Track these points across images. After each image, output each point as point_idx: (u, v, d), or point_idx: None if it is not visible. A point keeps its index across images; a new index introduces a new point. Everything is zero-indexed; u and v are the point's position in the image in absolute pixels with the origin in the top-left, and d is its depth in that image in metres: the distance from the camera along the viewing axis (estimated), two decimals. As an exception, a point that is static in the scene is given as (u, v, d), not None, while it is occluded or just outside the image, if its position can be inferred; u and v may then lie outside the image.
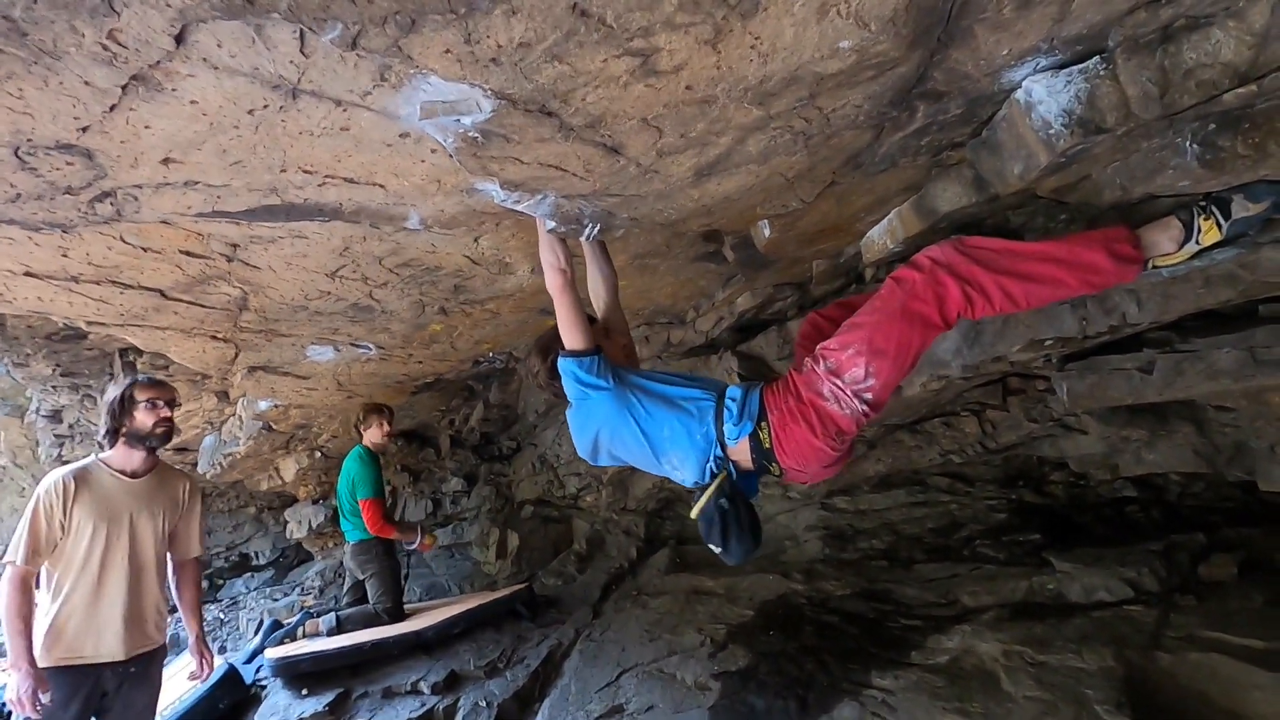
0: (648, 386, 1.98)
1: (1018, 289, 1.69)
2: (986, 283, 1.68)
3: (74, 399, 5.58)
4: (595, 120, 1.54)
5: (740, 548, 1.89)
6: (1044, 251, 1.71)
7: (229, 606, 6.66)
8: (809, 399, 1.80)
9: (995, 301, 1.70)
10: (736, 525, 1.88)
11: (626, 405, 1.94)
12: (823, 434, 1.79)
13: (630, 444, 1.98)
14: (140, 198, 1.61)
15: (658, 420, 1.93)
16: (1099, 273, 1.69)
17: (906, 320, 1.73)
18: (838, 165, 2.05)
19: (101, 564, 2.39)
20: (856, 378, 1.74)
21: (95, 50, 1.10)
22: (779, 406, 1.85)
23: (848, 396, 1.75)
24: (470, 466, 6.22)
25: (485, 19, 1.17)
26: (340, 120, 1.44)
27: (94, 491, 2.42)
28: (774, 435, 1.84)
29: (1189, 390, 2.14)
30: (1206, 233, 1.67)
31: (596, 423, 1.99)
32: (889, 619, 3.36)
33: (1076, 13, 1.43)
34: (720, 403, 1.92)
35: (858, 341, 1.76)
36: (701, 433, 1.90)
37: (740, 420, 1.87)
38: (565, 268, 1.98)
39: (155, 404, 2.51)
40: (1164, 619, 2.60)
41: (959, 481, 4.17)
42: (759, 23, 1.30)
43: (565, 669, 3.84)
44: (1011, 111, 1.72)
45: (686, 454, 1.93)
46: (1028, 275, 1.69)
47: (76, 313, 2.69)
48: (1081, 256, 1.68)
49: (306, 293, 2.75)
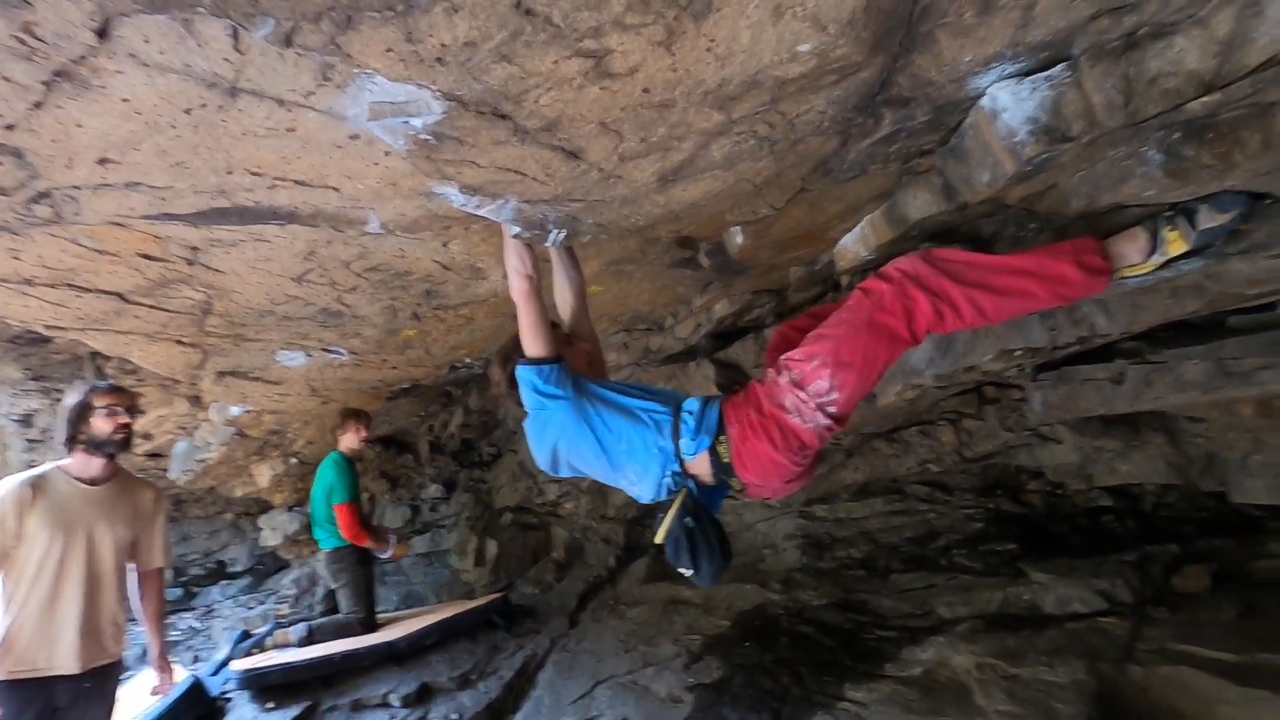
0: (606, 397, 1.93)
1: (987, 302, 1.66)
2: (956, 296, 1.65)
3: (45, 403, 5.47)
4: (551, 123, 1.50)
5: (711, 568, 1.82)
6: (1013, 264, 1.69)
7: (204, 615, 6.54)
8: (770, 411, 1.76)
9: (965, 315, 1.67)
10: (705, 544, 1.80)
11: (584, 416, 1.88)
12: (784, 448, 1.74)
13: (588, 455, 1.92)
14: (79, 199, 1.56)
15: (615, 432, 1.87)
16: (1068, 284, 1.66)
17: (873, 333, 1.69)
18: (806, 172, 2.02)
19: (57, 574, 2.32)
20: (820, 390, 1.70)
21: (11, 44, 1.05)
22: (739, 419, 1.79)
23: (811, 409, 1.71)
24: (449, 473, 6.15)
25: (425, 16, 1.13)
26: (285, 121, 1.39)
27: (51, 499, 2.34)
28: (734, 449, 1.79)
29: (1158, 401, 2.13)
30: (1172, 243, 1.66)
31: (554, 433, 1.93)
32: (865, 630, 3.33)
33: (1039, 19, 1.41)
34: (677, 416, 1.87)
35: (823, 353, 1.71)
36: (658, 446, 1.85)
37: (698, 434, 1.82)
38: (530, 273, 1.93)
39: (114, 410, 2.44)
40: (1136, 631, 2.58)
41: (938, 490, 4.16)
42: (713, 24, 1.26)
43: (539, 680, 3.79)
44: (978, 119, 1.70)
45: (644, 468, 1.88)
46: (997, 288, 1.66)
47: (33, 316, 2.62)
48: (1050, 269, 1.66)
49: (273, 297, 2.69)
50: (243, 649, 3.90)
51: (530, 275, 1.93)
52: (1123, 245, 1.72)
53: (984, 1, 1.33)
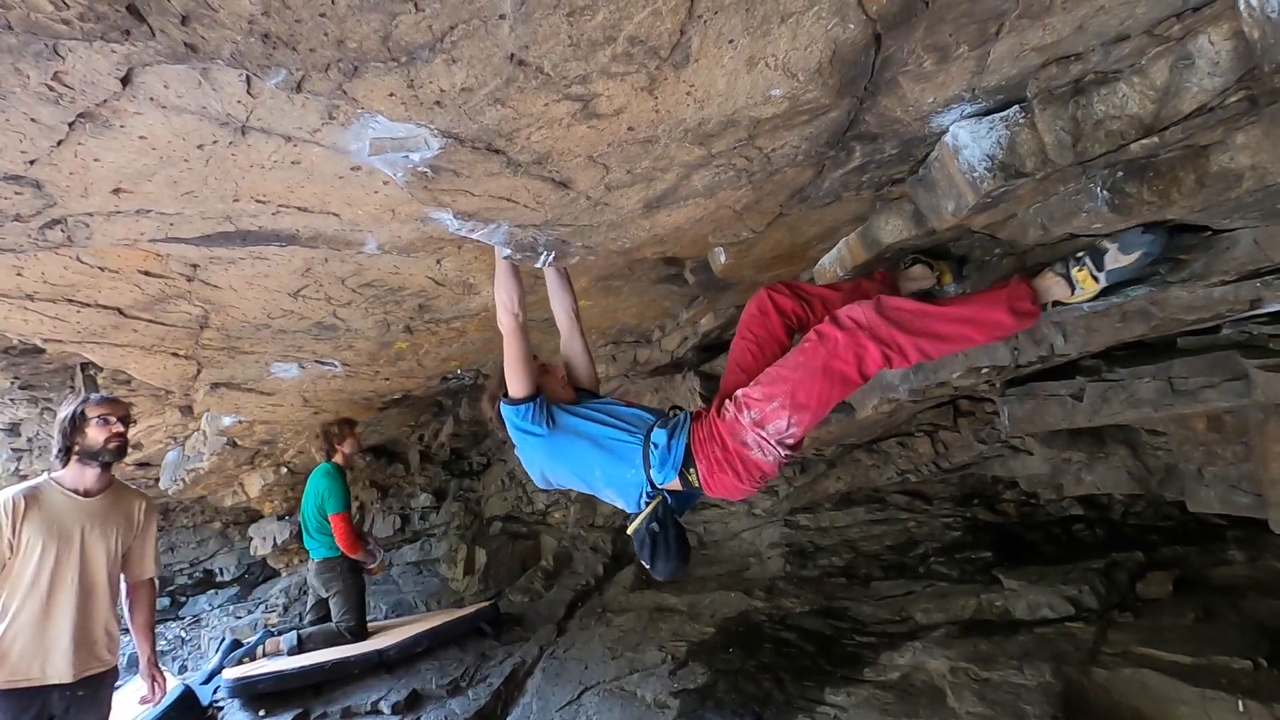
0: (579, 429, 2.09)
1: (931, 347, 1.83)
2: (904, 343, 1.80)
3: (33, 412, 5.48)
4: (542, 157, 1.60)
5: (666, 567, 2.04)
6: (955, 314, 1.85)
7: (191, 624, 6.54)
8: (734, 449, 1.91)
9: (910, 358, 1.83)
10: (665, 547, 2.02)
11: (560, 450, 2.09)
12: (748, 479, 1.93)
13: (569, 481, 2.16)
14: (91, 225, 1.63)
15: (589, 464, 2.07)
16: (1002, 328, 1.86)
17: (827, 378, 1.84)
18: (784, 199, 2.13)
19: (50, 584, 2.35)
20: (780, 429, 1.86)
21: (41, 91, 1.13)
22: (705, 455, 1.95)
23: (771, 445, 1.88)
24: (440, 482, 6.20)
25: (426, 66, 1.22)
26: (291, 154, 1.48)
27: (45, 510, 2.38)
28: (702, 479, 1.97)
29: (1115, 416, 2.25)
30: (1083, 284, 1.82)
31: (539, 462, 2.16)
32: (845, 636, 3.42)
33: (993, 66, 1.53)
34: (647, 444, 2.03)
35: (781, 395, 1.86)
36: (631, 473, 2.03)
37: (664, 467, 1.99)
38: (517, 311, 2.07)
39: (107, 420, 2.47)
40: (1102, 636, 2.69)
41: (918, 499, 4.27)
42: (692, 72, 1.37)
43: (528, 687, 3.85)
44: (942, 153, 1.82)
45: (620, 491, 2.08)
46: (940, 335, 1.82)
47: (32, 330, 2.68)
48: (987, 316, 1.84)
49: (269, 311, 2.76)
50: (234, 658, 3.94)
51: (516, 314, 2.07)
52: (1047, 283, 1.89)
53: (941, 51, 1.45)
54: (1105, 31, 1.42)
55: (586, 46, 1.23)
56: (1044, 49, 1.47)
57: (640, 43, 1.25)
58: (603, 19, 1.17)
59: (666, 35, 1.24)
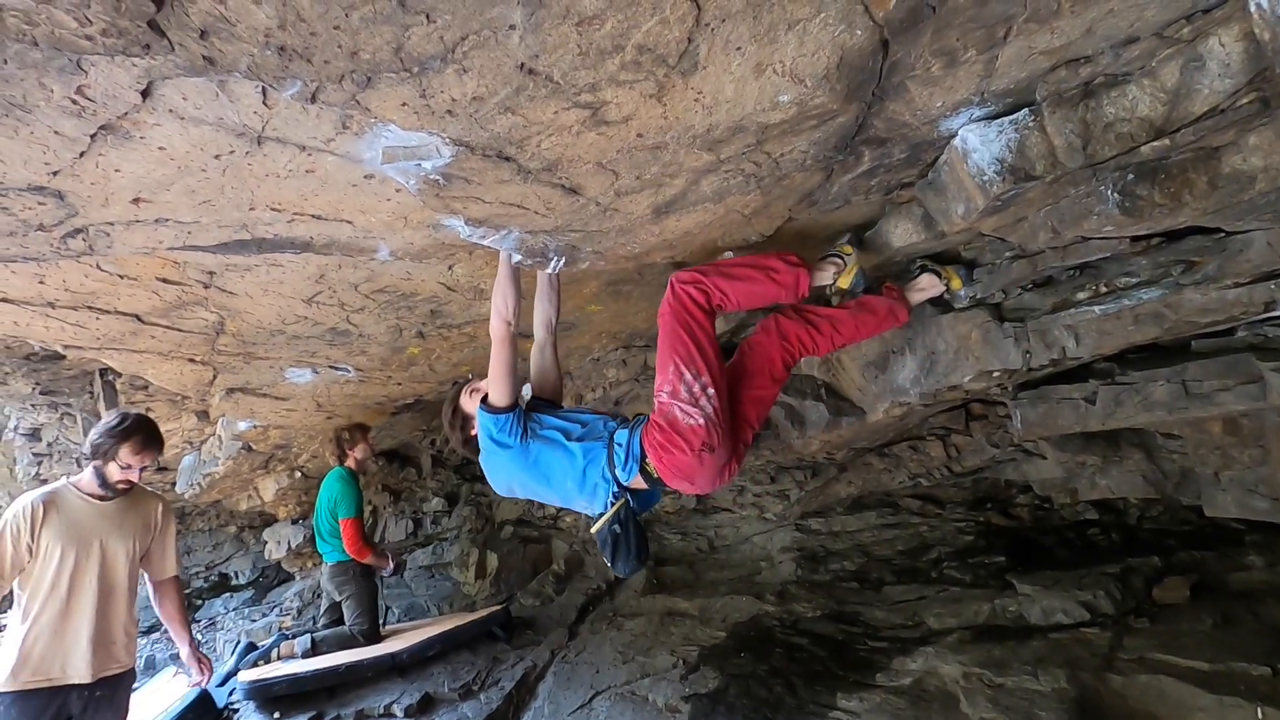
0: (549, 438, 2.19)
1: (726, 284, 2.15)
2: (708, 281, 2.14)
3: (53, 417, 5.58)
4: (552, 164, 1.62)
5: (625, 566, 2.18)
6: (747, 259, 2.24)
7: (207, 627, 6.60)
8: (667, 426, 2.08)
9: (713, 292, 2.14)
10: (625, 547, 2.15)
11: (531, 463, 2.18)
12: (691, 449, 2.04)
13: (540, 492, 2.25)
14: (112, 234, 1.67)
15: (559, 474, 2.17)
16: (777, 270, 2.18)
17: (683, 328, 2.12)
18: (793, 203, 2.14)
19: (70, 586, 2.39)
20: (690, 387, 2.06)
21: (64, 104, 1.16)
22: (652, 444, 2.10)
23: (693, 406, 2.05)
24: (451, 486, 6.23)
25: (438, 77, 1.24)
26: (305, 164, 1.51)
27: (63, 514, 2.42)
28: (658, 468, 2.10)
29: (1128, 420, 2.23)
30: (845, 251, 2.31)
31: (508, 473, 2.24)
32: (857, 641, 3.41)
33: (1002, 70, 1.53)
34: (611, 447, 2.15)
35: (669, 364, 2.11)
36: (599, 475, 2.14)
37: (627, 463, 2.12)
38: (510, 319, 2.15)
39: (129, 468, 2.47)
40: (1117, 641, 2.67)
41: (930, 503, 4.24)
42: (700, 79, 1.38)
43: (539, 691, 3.85)
44: (951, 157, 1.82)
45: (591, 496, 2.18)
46: (733, 275, 2.17)
47: (53, 337, 2.73)
48: (766, 261, 2.21)
49: (284, 317, 2.80)
50: (249, 660, 3.97)
51: (509, 321, 2.16)
52: (823, 266, 2.31)
53: (949, 56, 1.45)
54: (1114, 34, 1.42)
55: (595, 55, 1.25)
56: (1052, 52, 1.47)
57: (648, 51, 1.26)
58: (611, 28, 1.19)
59: (674, 43, 1.25)
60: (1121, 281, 1.96)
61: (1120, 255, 1.93)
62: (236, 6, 1.00)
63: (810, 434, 3.22)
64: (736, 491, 4.74)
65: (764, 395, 2.33)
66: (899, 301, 2.37)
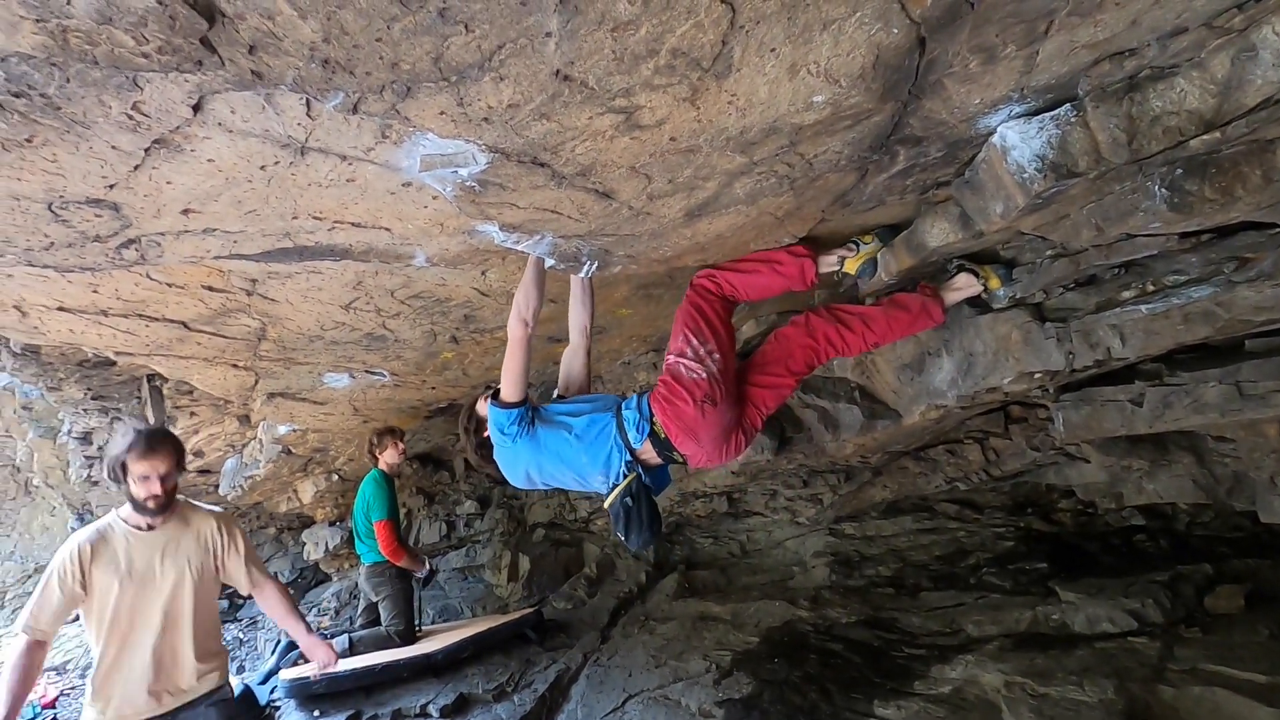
0: (560, 421, 2.28)
1: (736, 278, 2.37)
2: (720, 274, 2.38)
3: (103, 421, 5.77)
4: (585, 169, 1.63)
5: (639, 539, 2.24)
6: (757, 255, 2.39)
7: (248, 626, 6.77)
8: (673, 380, 2.23)
9: (724, 283, 2.37)
10: (637, 520, 2.21)
11: (545, 447, 2.26)
12: (693, 399, 2.17)
13: (556, 474, 2.31)
14: (163, 244, 1.73)
15: (571, 449, 2.25)
16: (781, 263, 2.35)
17: (694, 307, 2.35)
18: (826, 204, 2.12)
19: (129, 621, 2.32)
20: (695, 349, 2.24)
21: (121, 120, 1.21)
22: (657, 399, 2.23)
23: (697, 363, 2.22)
24: (484, 489, 6.29)
25: (475, 85, 1.26)
26: (346, 173, 1.54)
27: (112, 550, 2.34)
28: (664, 425, 2.20)
29: (1178, 423, 2.16)
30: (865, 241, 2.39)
31: (523, 462, 2.30)
32: (893, 648, 3.35)
33: (1042, 65, 1.50)
34: (619, 415, 2.25)
35: (678, 332, 2.32)
36: (612, 444, 2.23)
37: (639, 425, 2.21)
38: (529, 320, 2.20)
39: (146, 479, 2.31)
40: (1167, 651, 2.58)
41: (967, 508, 4.16)
42: (734, 82, 1.38)
43: (572, 694, 3.87)
44: (990, 154, 1.78)
45: (605, 467, 2.25)
46: (743, 270, 2.37)
47: (105, 344, 2.84)
48: (771, 255, 2.36)
49: (322, 323, 2.86)
50: (290, 659, 4.06)
51: (528, 321, 2.20)
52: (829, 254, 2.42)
53: (987, 53, 1.43)
54: (1161, 26, 1.38)
55: (630, 60, 1.25)
56: (1096, 46, 1.43)
57: (683, 55, 1.26)
58: (646, 33, 1.19)
59: (709, 46, 1.25)
60: (1170, 279, 1.90)
61: (1168, 252, 1.87)
62: (284, 22, 1.03)
63: (844, 437, 3.18)
64: (769, 495, 4.70)
65: (775, 383, 2.40)
66: (933, 299, 2.34)
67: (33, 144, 1.24)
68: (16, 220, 1.50)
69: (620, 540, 2.31)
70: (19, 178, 1.34)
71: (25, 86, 1.09)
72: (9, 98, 1.11)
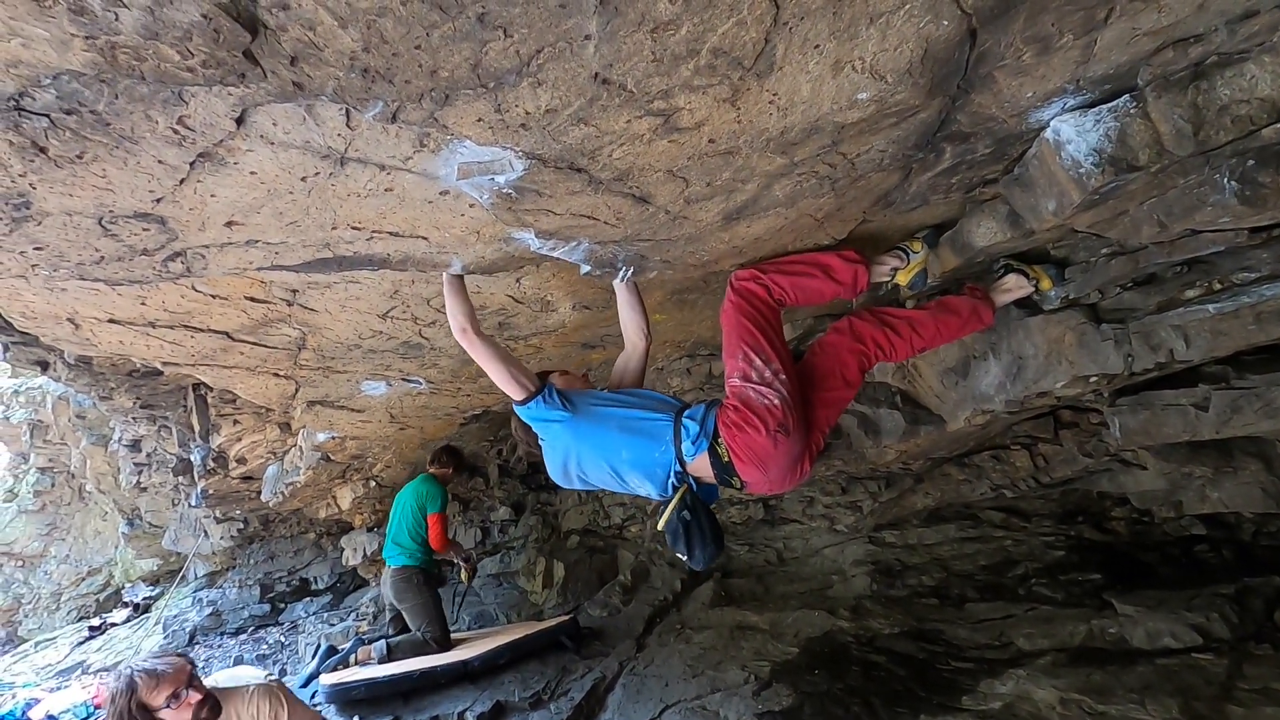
0: (604, 413, 2.13)
1: (784, 279, 2.20)
2: (768, 279, 2.20)
3: (151, 429, 5.95)
4: (623, 174, 1.61)
5: (704, 555, 2.07)
6: (803, 257, 2.26)
7: (289, 630, 6.90)
8: (743, 405, 2.05)
9: (773, 287, 2.19)
10: (700, 535, 2.05)
11: (585, 433, 2.11)
12: (766, 429, 2.00)
13: (593, 469, 2.15)
14: (207, 256, 1.75)
15: (615, 444, 2.09)
16: (832, 268, 2.21)
17: (748, 318, 2.15)
18: (867, 205, 2.07)
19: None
20: (761, 371, 2.06)
21: (167, 134, 1.22)
22: (727, 423, 2.05)
23: (766, 387, 2.04)
24: (518, 496, 6.32)
25: (513, 91, 1.25)
26: (385, 182, 1.55)
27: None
28: (730, 449, 2.03)
29: (1247, 428, 2.04)
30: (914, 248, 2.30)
31: (563, 451, 2.16)
32: (939, 661, 3.24)
33: (1100, 55, 1.43)
34: (678, 423, 2.09)
35: (737, 351, 2.12)
36: (660, 451, 2.07)
37: (697, 439, 2.05)
38: (466, 325, 2.11)
39: (176, 698, 2.08)
40: (1236, 669, 2.44)
41: (1014, 516, 4.02)
42: (775, 81, 1.34)
43: (608, 703, 3.83)
44: (1042, 150, 1.71)
45: (648, 473, 2.10)
46: (790, 272, 2.21)
47: (153, 354, 2.91)
48: (822, 259, 2.23)
49: (360, 332, 2.90)
50: (330, 664, 4.11)
51: (466, 328, 2.10)
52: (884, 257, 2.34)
53: (1042, 43, 1.37)
54: (1230, 9, 1.31)
55: (669, 61, 1.23)
56: (1158, 32, 1.36)
57: (724, 54, 1.23)
58: (686, 33, 1.17)
59: (751, 45, 1.22)
60: (1239, 277, 1.80)
61: (1237, 248, 1.77)
62: (325, 32, 1.03)
63: (885, 443, 3.10)
64: (806, 502, 4.61)
65: (836, 398, 2.23)
66: (983, 302, 2.25)
67: (83, 160, 1.26)
68: (69, 235, 1.53)
69: (683, 559, 2.12)
70: (71, 193, 1.36)
71: (76, 103, 1.11)
72: (61, 115, 1.13)
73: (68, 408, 8.13)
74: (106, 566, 9.70)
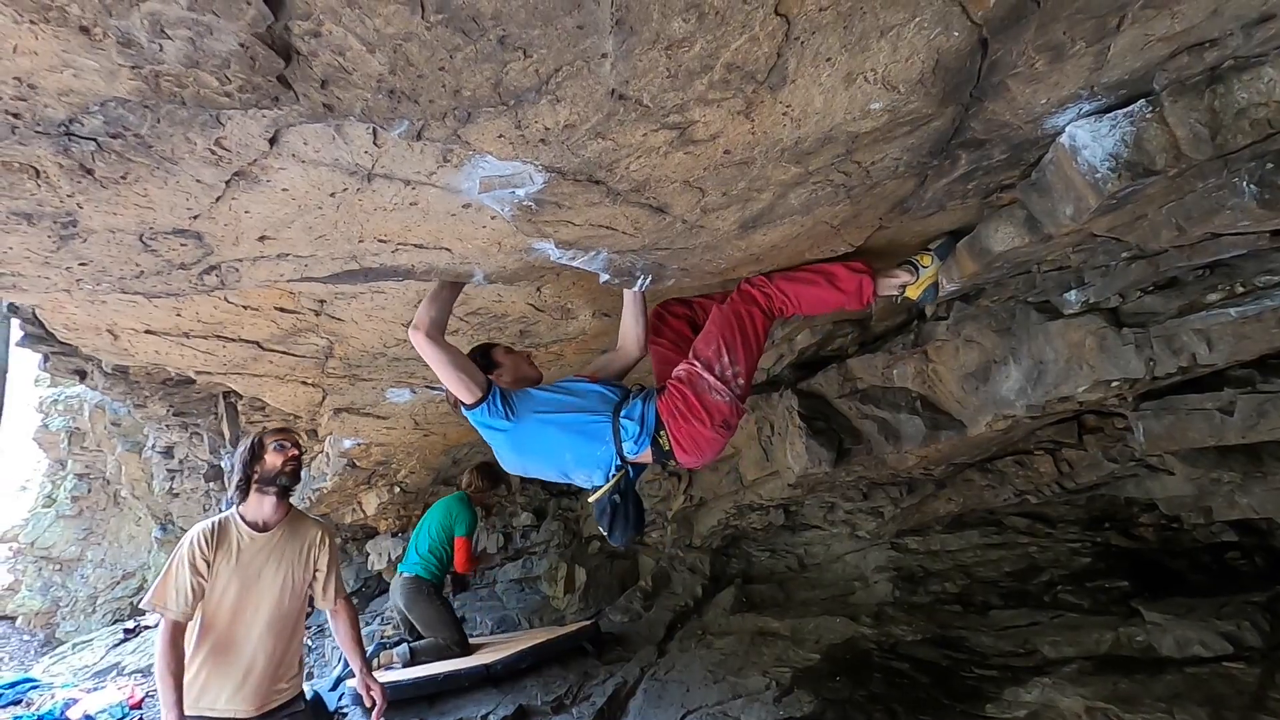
0: (544, 419, 2.19)
1: (789, 287, 2.31)
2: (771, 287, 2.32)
3: (184, 436, 6.11)
4: (640, 185, 1.64)
5: (622, 536, 2.23)
6: (812, 268, 2.34)
7: (316, 634, 7.00)
8: (692, 395, 2.16)
9: (776, 296, 2.31)
10: (623, 518, 2.21)
11: (528, 441, 2.19)
12: (712, 425, 2.14)
13: (538, 469, 2.28)
14: (240, 269, 1.82)
15: (559, 448, 2.20)
16: (837, 278, 2.29)
17: (737, 319, 2.27)
18: (883, 212, 2.08)
19: (230, 619, 2.35)
20: (724, 365, 2.18)
21: (205, 155, 1.29)
22: (670, 410, 2.17)
23: (723, 385, 2.16)
24: (539, 501, 6.37)
25: (533, 108, 1.29)
26: (409, 197, 1.60)
27: (230, 542, 2.40)
28: (672, 437, 2.16)
29: (1274, 433, 2.01)
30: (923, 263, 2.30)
31: (510, 453, 2.25)
32: (962, 668, 3.22)
33: (1114, 61, 1.44)
34: (616, 421, 2.18)
35: (715, 340, 2.23)
36: (601, 450, 2.18)
37: (639, 438, 2.16)
38: (420, 327, 2.07)
39: (283, 445, 2.46)
40: (1268, 678, 2.40)
41: (1038, 522, 3.97)
42: (788, 93, 1.37)
43: (630, 708, 3.85)
44: (1058, 155, 1.72)
45: (590, 470, 2.22)
46: (796, 279, 2.32)
47: (188, 364, 3.01)
48: (828, 268, 2.31)
49: (385, 341, 2.96)
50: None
51: (418, 328, 2.07)
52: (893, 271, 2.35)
53: (1054, 51, 1.38)
54: (1245, 13, 1.31)
55: (684, 77, 1.26)
56: (1173, 38, 1.37)
57: (737, 69, 1.26)
58: (700, 49, 1.20)
59: (763, 59, 1.25)
60: (1261, 280, 1.78)
61: (1259, 251, 1.75)
62: (354, 56, 1.08)
63: (905, 449, 3.09)
64: (827, 508, 4.60)
65: None
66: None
67: (127, 180, 1.33)
68: (112, 251, 1.60)
69: (604, 533, 2.29)
70: (115, 212, 1.43)
71: (122, 128, 1.17)
72: (108, 139, 1.19)
73: (104, 415, 8.36)
74: (140, 570, 9.93)
